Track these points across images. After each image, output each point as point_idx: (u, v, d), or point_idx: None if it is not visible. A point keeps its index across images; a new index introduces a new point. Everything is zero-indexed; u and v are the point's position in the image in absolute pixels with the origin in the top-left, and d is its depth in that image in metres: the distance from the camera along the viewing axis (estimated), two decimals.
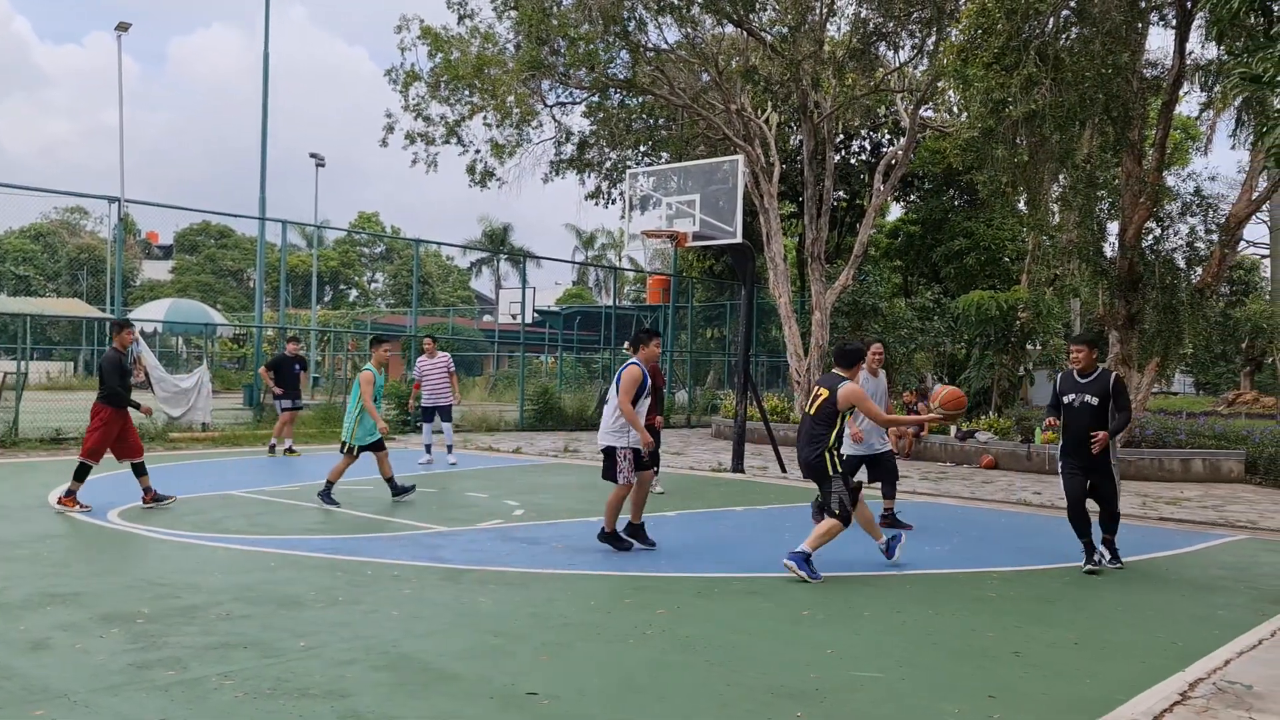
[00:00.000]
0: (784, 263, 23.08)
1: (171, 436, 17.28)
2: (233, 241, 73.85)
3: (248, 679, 4.76)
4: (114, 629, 5.57)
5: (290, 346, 16.17)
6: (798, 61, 20.86)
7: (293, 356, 15.90)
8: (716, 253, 31.84)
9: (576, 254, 67.58)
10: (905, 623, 6.26)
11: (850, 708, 4.63)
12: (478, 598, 6.51)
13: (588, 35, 20.96)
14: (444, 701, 4.56)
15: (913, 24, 20.88)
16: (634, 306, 45.76)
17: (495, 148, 24.97)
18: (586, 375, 33.06)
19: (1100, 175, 16.77)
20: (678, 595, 6.84)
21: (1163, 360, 16.49)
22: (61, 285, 62.37)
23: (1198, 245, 16.94)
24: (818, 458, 7.48)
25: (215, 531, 8.76)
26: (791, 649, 5.57)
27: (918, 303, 28.25)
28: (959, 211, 32.55)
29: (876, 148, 32.71)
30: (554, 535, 9.12)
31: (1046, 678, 5.21)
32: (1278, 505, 12.79)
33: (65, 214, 68.33)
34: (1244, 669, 5.40)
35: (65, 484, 10.17)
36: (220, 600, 6.27)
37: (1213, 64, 17.30)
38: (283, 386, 15.61)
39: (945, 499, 12.97)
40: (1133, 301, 16.56)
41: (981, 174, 17.85)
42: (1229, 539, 10.14)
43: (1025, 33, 14.93)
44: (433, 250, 74.49)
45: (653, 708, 4.57)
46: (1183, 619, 6.65)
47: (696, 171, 16.15)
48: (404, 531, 9.13)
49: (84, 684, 4.63)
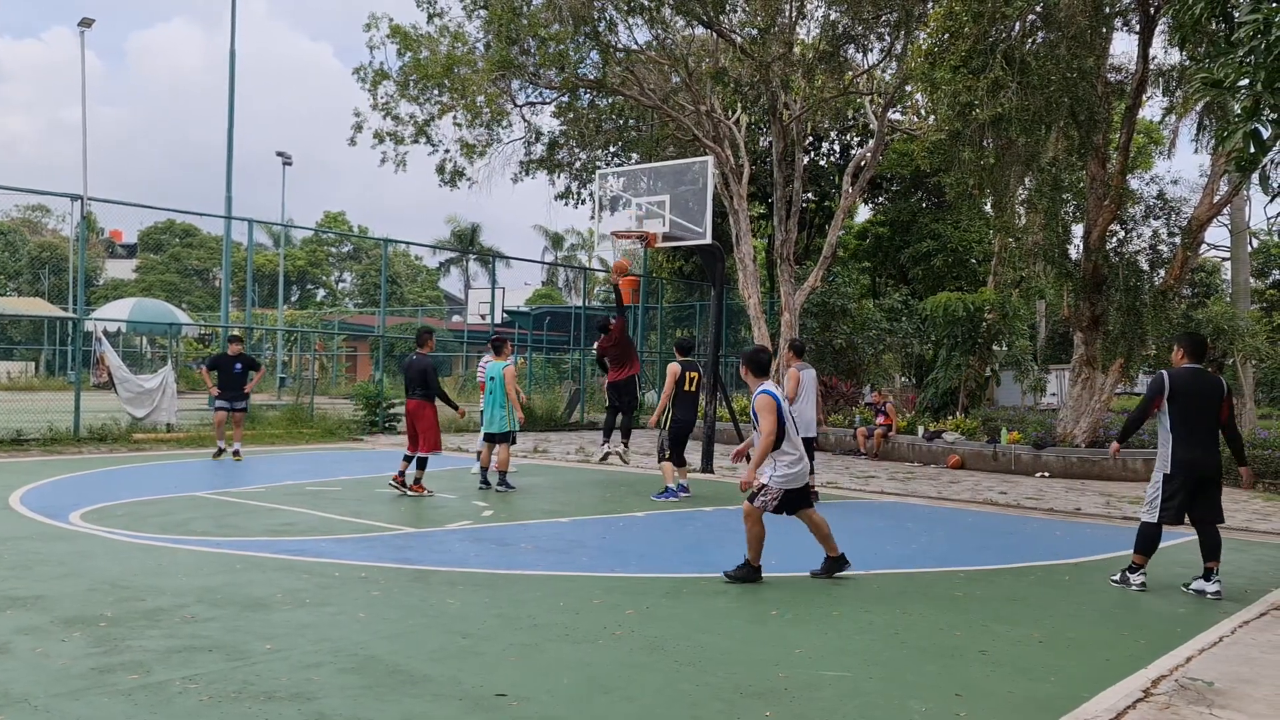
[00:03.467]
0: (753, 264, 23.14)
1: (135, 437, 17.08)
2: (198, 240, 73.12)
3: (212, 682, 4.71)
4: (76, 632, 5.49)
5: (232, 347, 15.40)
6: (767, 63, 20.93)
7: (234, 356, 15.22)
8: (686, 253, 31.91)
9: (546, 254, 67.50)
10: (873, 622, 6.30)
11: (818, 706, 4.65)
12: (446, 599, 6.48)
13: (558, 35, 20.91)
14: (413, 703, 4.53)
15: (881, 27, 20.99)
16: (604, 307, 45.75)
17: (465, 147, 24.88)
18: (556, 376, 33.00)
19: (1065, 178, 16.97)
20: (647, 596, 6.84)
21: (1126, 361, 16.70)
22: (23, 284, 61.50)
23: (1161, 248, 17.19)
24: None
25: (180, 533, 8.67)
26: (760, 649, 5.59)
27: (886, 304, 28.43)
28: (927, 213, 32.79)
29: (846, 150, 32.89)
30: (523, 536, 9.10)
31: (1012, 675, 5.26)
32: (1238, 505, 12.98)
33: (26, 212, 67.44)
34: (1206, 666, 5.48)
35: (34, 484, 9.98)
36: (185, 603, 6.20)
37: (1175, 69, 17.57)
38: (222, 387, 15.03)
39: (913, 499, 13.06)
40: (1097, 303, 16.76)
41: (949, 176, 18.02)
42: (1191, 538, 10.25)
43: (992, 36, 15.08)
44: (401, 250, 74.11)
45: (622, 708, 4.57)
46: (1146, 617, 6.73)
47: (666, 172, 16.16)
48: (372, 533, 9.08)
49: (45, 688, 4.56)
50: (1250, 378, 23.52)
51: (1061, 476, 16.05)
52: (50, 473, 12.72)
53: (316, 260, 76.85)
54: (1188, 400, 7.40)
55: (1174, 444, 7.42)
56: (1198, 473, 7.38)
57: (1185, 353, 7.61)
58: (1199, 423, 7.40)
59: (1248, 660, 5.63)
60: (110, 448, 16.08)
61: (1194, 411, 7.40)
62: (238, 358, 15.22)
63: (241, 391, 15.22)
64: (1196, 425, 7.39)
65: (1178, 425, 7.41)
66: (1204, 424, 7.42)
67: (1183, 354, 7.62)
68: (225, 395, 15.06)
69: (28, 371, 40.45)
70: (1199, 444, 7.37)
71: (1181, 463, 7.38)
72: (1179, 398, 7.43)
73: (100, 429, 16.82)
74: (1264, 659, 5.67)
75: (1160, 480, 7.50)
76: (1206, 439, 7.41)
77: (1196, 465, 7.36)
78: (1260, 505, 13.05)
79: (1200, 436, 7.39)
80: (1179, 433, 7.40)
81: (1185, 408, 7.40)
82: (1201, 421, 7.41)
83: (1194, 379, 7.47)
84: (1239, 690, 5.04)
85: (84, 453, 15.37)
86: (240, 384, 15.15)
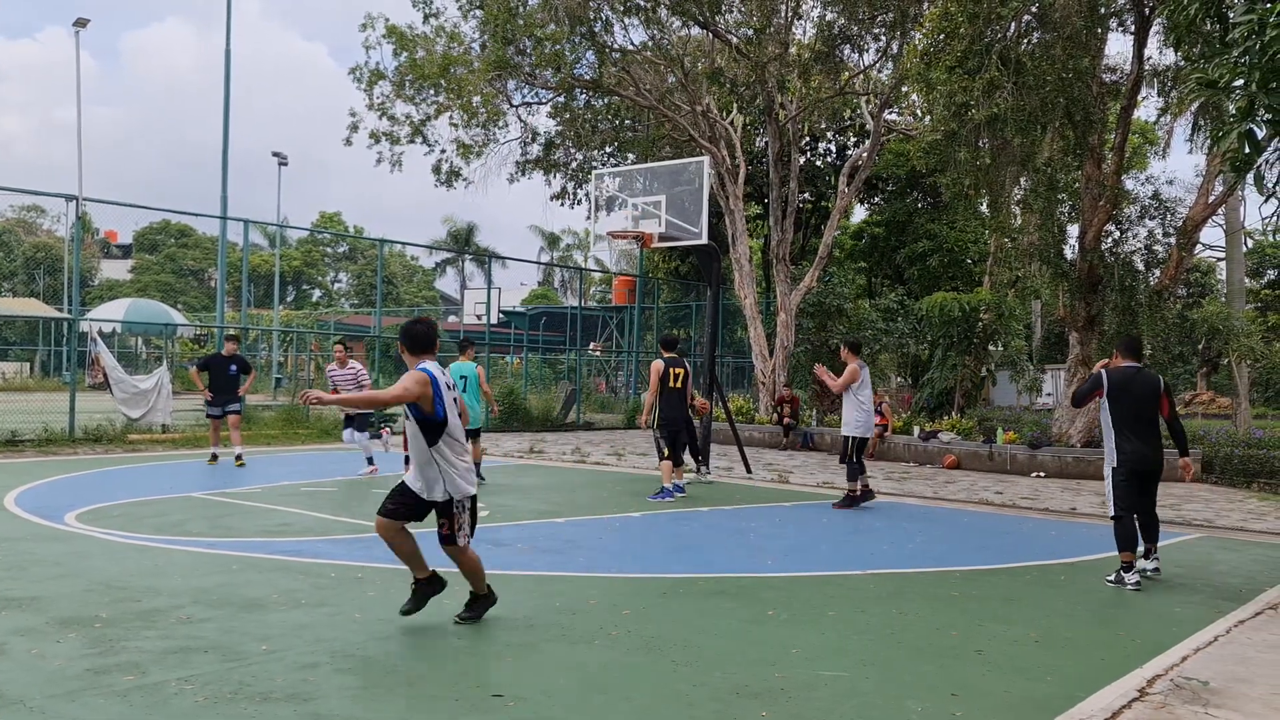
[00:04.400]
0: (749, 264, 23.17)
1: (131, 438, 17.05)
2: (193, 241, 73.06)
3: (208, 683, 4.70)
4: (71, 633, 5.48)
5: (228, 346, 14.65)
6: (763, 64, 20.95)
7: (229, 356, 14.43)
8: (682, 254, 31.93)
9: (542, 254, 67.51)
10: (869, 622, 6.31)
11: (814, 706, 4.65)
12: (442, 600, 6.47)
13: (554, 35, 20.93)
14: (409, 704, 4.53)
15: (877, 27, 21.04)
16: (600, 307, 45.74)
17: (461, 147, 24.89)
18: (552, 376, 32.98)
19: (1061, 178, 17.00)
20: (643, 596, 6.84)
21: None
22: (18, 284, 61.40)
23: (1156, 248, 17.23)
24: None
25: (176, 534, 8.65)
26: (756, 649, 5.59)
27: (882, 304, 28.46)
28: (922, 214, 32.84)
29: (841, 150, 32.92)
30: (519, 536, 9.09)
31: (1008, 675, 5.26)
32: (1233, 504, 13.01)
33: (21, 212, 67.33)
34: (1201, 665, 5.49)
35: (29, 485, 9.95)
36: (180, 604, 6.19)
37: (1170, 69, 17.60)
38: (215, 389, 14.20)
39: (909, 499, 13.07)
40: (1092, 303, 16.78)
41: (944, 177, 18.04)
42: (1186, 537, 10.30)
43: (987, 37, 15.10)
44: (397, 250, 74.07)
45: (618, 708, 4.57)
46: (1141, 616, 6.74)
47: (662, 172, 16.16)
48: (368, 534, 9.04)
49: (40, 690, 4.55)
50: (1245, 378, 23.58)
51: (1057, 476, 16.08)
52: (45, 473, 12.69)
53: (312, 260, 76.81)
54: (1127, 398, 7.81)
55: (1117, 439, 7.82)
56: (1141, 465, 7.80)
57: (1122, 354, 8.03)
58: (1139, 419, 7.81)
59: (1243, 660, 5.64)
60: (105, 448, 16.04)
61: (1133, 408, 7.80)
62: (232, 359, 14.45)
63: (235, 394, 14.50)
64: (1137, 421, 7.80)
65: (1119, 422, 7.82)
66: (1144, 420, 7.83)
67: (1120, 356, 8.04)
68: (218, 398, 14.27)
69: (23, 372, 40.38)
70: (1140, 438, 7.78)
71: (1127, 456, 7.78)
72: (1119, 395, 7.83)
73: (95, 430, 16.78)
74: (1259, 658, 5.68)
75: (1110, 475, 7.91)
76: (1147, 433, 7.83)
77: (1140, 458, 7.77)
78: (1255, 505, 13.07)
79: (1141, 431, 7.80)
80: (1121, 429, 7.81)
81: (1125, 405, 7.81)
82: (1141, 417, 7.82)
83: (1132, 378, 7.87)
84: (1234, 689, 5.05)
85: (79, 453, 15.34)
86: (234, 386, 14.44)
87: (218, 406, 14.28)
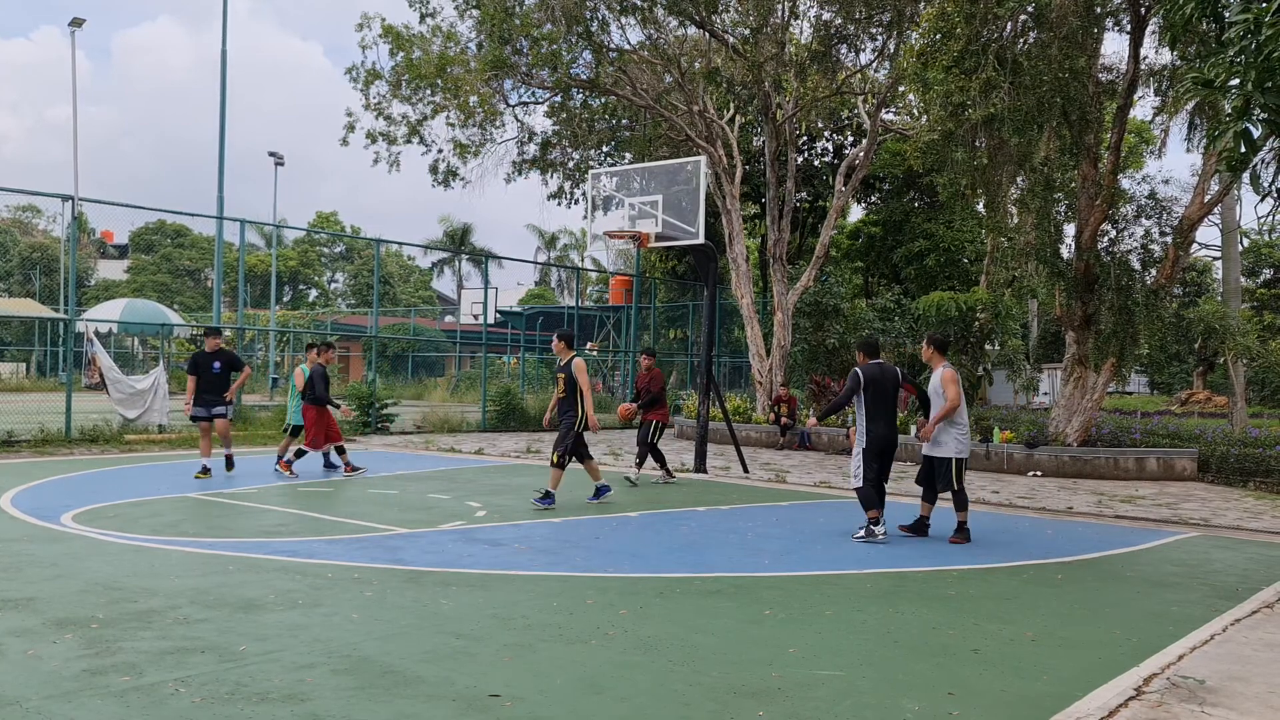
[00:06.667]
0: (746, 264, 23.17)
1: (127, 439, 17.04)
2: (189, 241, 73.00)
3: (205, 684, 4.70)
4: (67, 634, 5.48)
5: (210, 341, 12.81)
6: (760, 63, 20.96)
7: (212, 353, 12.65)
8: (679, 253, 31.93)
9: (539, 254, 67.55)
10: (866, 621, 6.31)
11: (811, 706, 4.65)
12: (439, 600, 6.47)
13: (550, 35, 20.92)
14: (406, 704, 4.53)
15: (874, 27, 21.05)
16: (597, 307, 45.75)
17: (458, 147, 24.87)
18: (549, 376, 32.99)
19: (1057, 178, 17.01)
20: (640, 596, 6.84)
21: (1119, 360, 16.74)
22: (14, 285, 61.31)
23: (1152, 247, 17.24)
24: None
25: (172, 535, 8.64)
26: (753, 648, 5.59)
27: (879, 303, 28.49)
28: (919, 213, 32.86)
29: (838, 150, 32.95)
30: (516, 536, 9.09)
31: (1004, 674, 5.26)
32: (1229, 503, 13.03)
33: (17, 212, 67.19)
34: (1197, 664, 5.50)
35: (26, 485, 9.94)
36: (177, 604, 6.18)
37: (1166, 69, 17.62)
38: (200, 390, 12.60)
39: (904, 498, 13.07)
40: (1089, 302, 16.80)
41: (941, 176, 18.07)
42: (1182, 536, 10.32)
43: (984, 37, 15.11)
44: (394, 250, 74.04)
45: (615, 708, 4.57)
46: (1138, 615, 6.75)
47: (659, 172, 16.17)
48: (365, 534, 9.06)
49: (36, 691, 4.55)
50: (1241, 376, 23.61)
51: (1054, 475, 16.09)
52: (42, 474, 12.67)
53: (309, 260, 76.76)
54: (875, 388, 9.47)
55: (869, 424, 9.46)
56: (885, 445, 9.54)
57: (866, 354, 9.73)
58: (883, 405, 9.50)
59: (1240, 658, 5.65)
60: (102, 449, 16.03)
61: (878, 397, 9.47)
62: (216, 355, 12.69)
63: (220, 396, 12.69)
64: (881, 407, 9.48)
65: (868, 408, 9.46)
66: (887, 406, 9.53)
67: (864, 356, 9.71)
68: (202, 401, 12.63)
69: (19, 372, 40.36)
70: (884, 421, 9.50)
71: (875, 439, 9.45)
72: (869, 386, 9.46)
73: (92, 430, 16.76)
74: (1256, 657, 5.69)
75: (860, 453, 9.48)
76: (889, 417, 9.56)
77: (885, 441, 9.52)
78: (1251, 504, 13.09)
79: (884, 415, 9.51)
80: (873, 415, 9.46)
81: (873, 394, 9.47)
82: (885, 404, 9.51)
83: (878, 372, 9.55)
84: (1231, 688, 5.05)
85: (75, 454, 15.32)
86: (221, 387, 12.68)
87: (203, 408, 12.66)
